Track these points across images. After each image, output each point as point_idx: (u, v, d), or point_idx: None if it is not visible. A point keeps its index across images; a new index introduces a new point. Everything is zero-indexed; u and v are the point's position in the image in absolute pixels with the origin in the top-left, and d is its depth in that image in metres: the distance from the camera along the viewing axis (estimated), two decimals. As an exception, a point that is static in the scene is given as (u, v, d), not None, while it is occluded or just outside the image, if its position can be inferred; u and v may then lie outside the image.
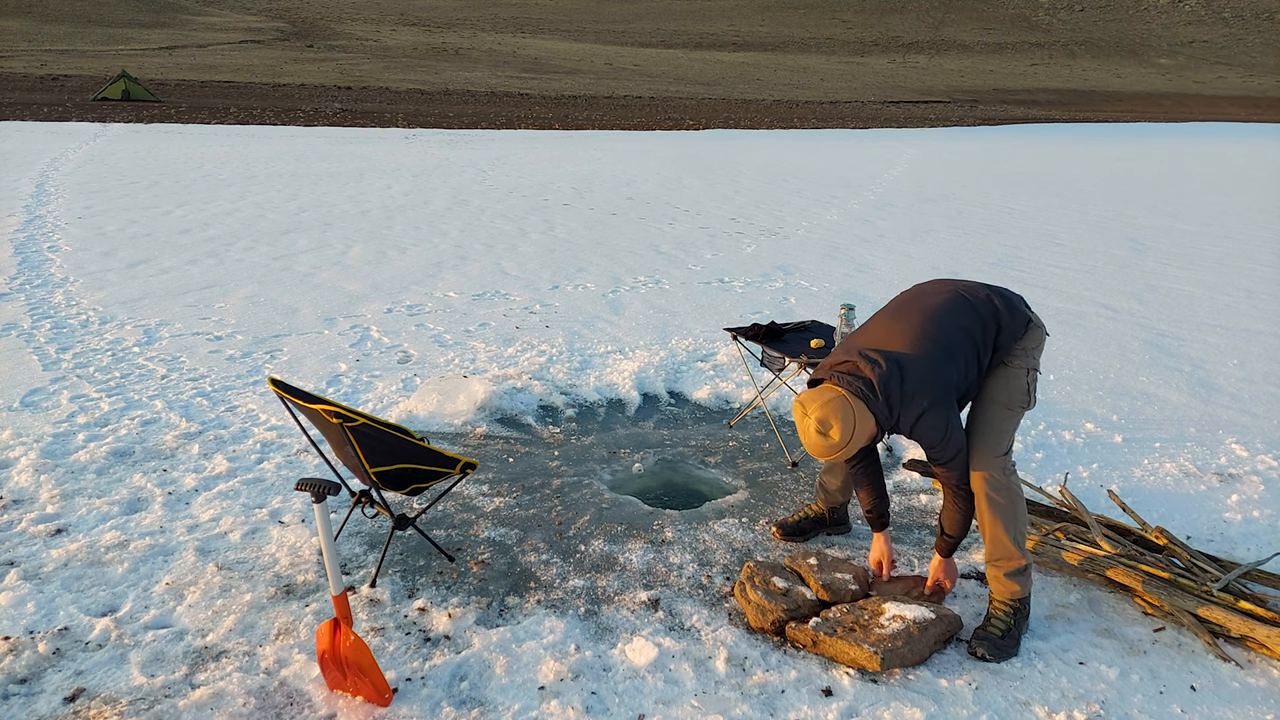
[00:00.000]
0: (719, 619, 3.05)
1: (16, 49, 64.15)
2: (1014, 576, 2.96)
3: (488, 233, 10.58)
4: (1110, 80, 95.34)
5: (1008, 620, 2.94)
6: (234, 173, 15.21)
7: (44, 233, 9.61)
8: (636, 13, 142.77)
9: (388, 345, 6.12)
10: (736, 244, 10.36)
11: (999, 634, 2.91)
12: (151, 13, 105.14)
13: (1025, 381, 3.00)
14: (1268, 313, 7.76)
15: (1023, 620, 2.97)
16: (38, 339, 5.97)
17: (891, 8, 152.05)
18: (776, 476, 4.21)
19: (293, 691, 2.67)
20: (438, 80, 56.62)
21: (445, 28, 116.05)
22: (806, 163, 20.65)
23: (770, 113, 42.26)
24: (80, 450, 4.24)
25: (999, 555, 2.96)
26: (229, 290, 7.47)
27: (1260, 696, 2.74)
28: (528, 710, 2.60)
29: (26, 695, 2.62)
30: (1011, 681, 2.78)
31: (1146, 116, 50.42)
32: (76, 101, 31.58)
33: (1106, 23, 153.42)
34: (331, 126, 26.62)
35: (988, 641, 2.89)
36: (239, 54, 72.02)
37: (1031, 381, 3.01)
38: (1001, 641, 2.90)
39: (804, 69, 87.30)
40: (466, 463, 3.26)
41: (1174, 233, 11.98)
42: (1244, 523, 3.83)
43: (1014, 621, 2.94)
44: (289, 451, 4.32)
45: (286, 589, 3.18)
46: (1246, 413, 5.22)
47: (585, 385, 5.33)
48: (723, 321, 6.85)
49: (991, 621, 2.96)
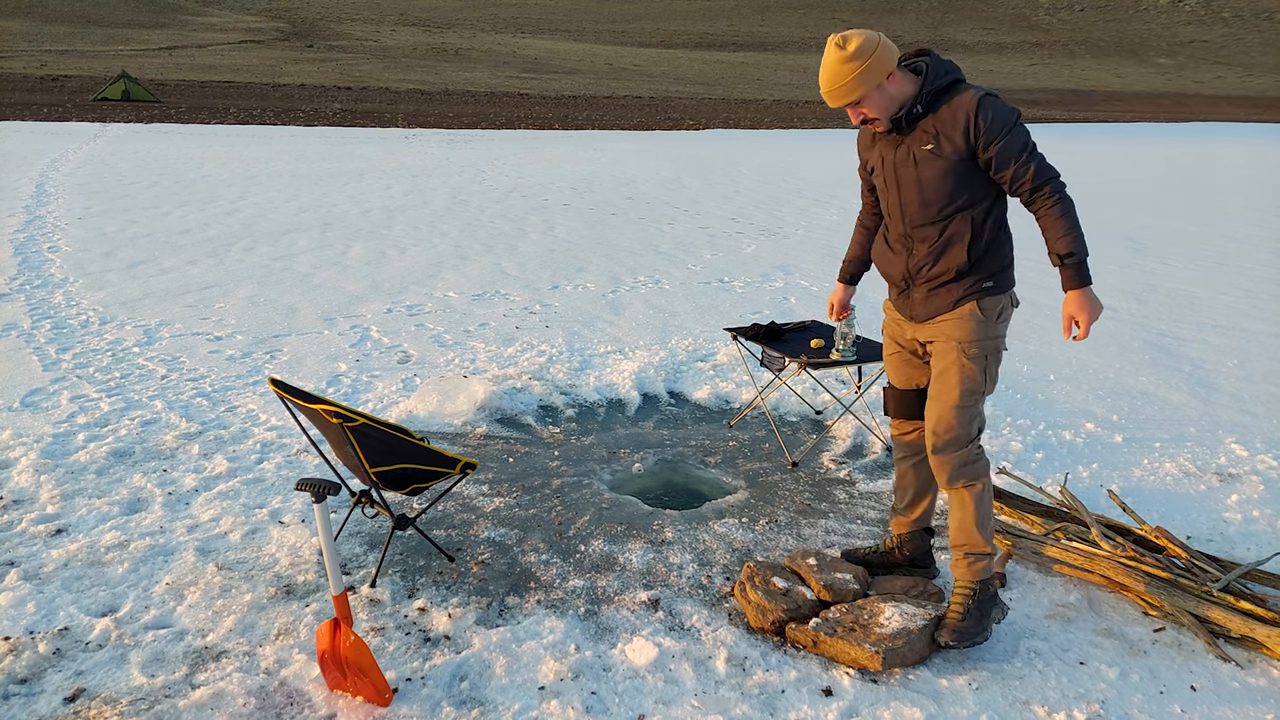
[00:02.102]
0: (719, 619, 3.05)
1: (16, 49, 64.14)
2: (975, 561, 2.92)
3: (487, 233, 10.58)
4: (1110, 80, 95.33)
5: (968, 602, 2.88)
6: (234, 173, 15.21)
7: (44, 233, 9.61)
8: (636, 13, 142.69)
9: (388, 345, 6.12)
10: (736, 244, 10.36)
11: (959, 617, 2.85)
12: (151, 13, 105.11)
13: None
14: (1267, 312, 7.76)
15: (988, 604, 2.90)
16: (38, 339, 5.97)
17: (891, 8, 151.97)
18: (776, 476, 4.21)
19: (293, 691, 2.67)
20: (438, 80, 56.59)
21: (445, 28, 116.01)
22: (806, 163, 20.65)
23: (770, 113, 42.25)
24: (80, 450, 4.24)
25: (962, 540, 2.94)
26: (229, 290, 7.47)
27: (1260, 696, 2.74)
28: (528, 710, 2.60)
29: (26, 695, 2.62)
30: (1011, 681, 2.78)
31: (1146, 116, 50.40)
32: (76, 102, 31.58)
33: (1106, 23, 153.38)
34: (331, 126, 26.61)
35: (949, 628, 2.84)
36: (239, 54, 72.01)
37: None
38: (963, 624, 2.83)
39: (804, 69, 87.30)
40: (466, 463, 3.26)
41: (1173, 232, 11.98)
42: (1244, 523, 3.83)
43: (975, 603, 2.88)
44: (289, 451, 4.32)
45: (286, 589, 3.18)
46: (1246, 413, 5.22)
47: (585, 385, 5.33)
48: (723, 321, 6.85)
49: (953, 608, 2.90)
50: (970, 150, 2.73)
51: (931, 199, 2.82)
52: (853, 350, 4.43)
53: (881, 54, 2.67)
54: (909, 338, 3.08)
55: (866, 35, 2.70)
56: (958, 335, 2.88)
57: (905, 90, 2.76)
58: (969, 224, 2.82)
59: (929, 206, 2.83)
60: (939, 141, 2.76)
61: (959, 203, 2.80)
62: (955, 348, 2.89)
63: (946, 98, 2.75)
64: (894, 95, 2.75)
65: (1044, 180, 2.72)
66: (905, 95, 2.76)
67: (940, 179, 2.78)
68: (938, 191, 2.80)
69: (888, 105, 2.76)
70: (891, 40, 2.74)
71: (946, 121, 2.74)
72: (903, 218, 2.91)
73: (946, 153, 2.75)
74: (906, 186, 2.87)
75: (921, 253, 2.89)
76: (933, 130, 2.76)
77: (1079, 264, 2.74)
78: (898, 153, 2.86)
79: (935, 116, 2.76)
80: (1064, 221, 2.73)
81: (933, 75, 2.75)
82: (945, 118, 2.74)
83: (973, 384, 2.88)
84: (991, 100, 2.72)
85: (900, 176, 2.88)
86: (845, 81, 2.69)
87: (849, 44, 2.67)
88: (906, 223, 2.91)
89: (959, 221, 2.82)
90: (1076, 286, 2.77)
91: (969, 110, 2.70)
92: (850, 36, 2.70)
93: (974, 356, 2.87)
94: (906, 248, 2.94)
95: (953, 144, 2.74)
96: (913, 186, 2.85)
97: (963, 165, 2.76)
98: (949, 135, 2.74)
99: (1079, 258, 2.74)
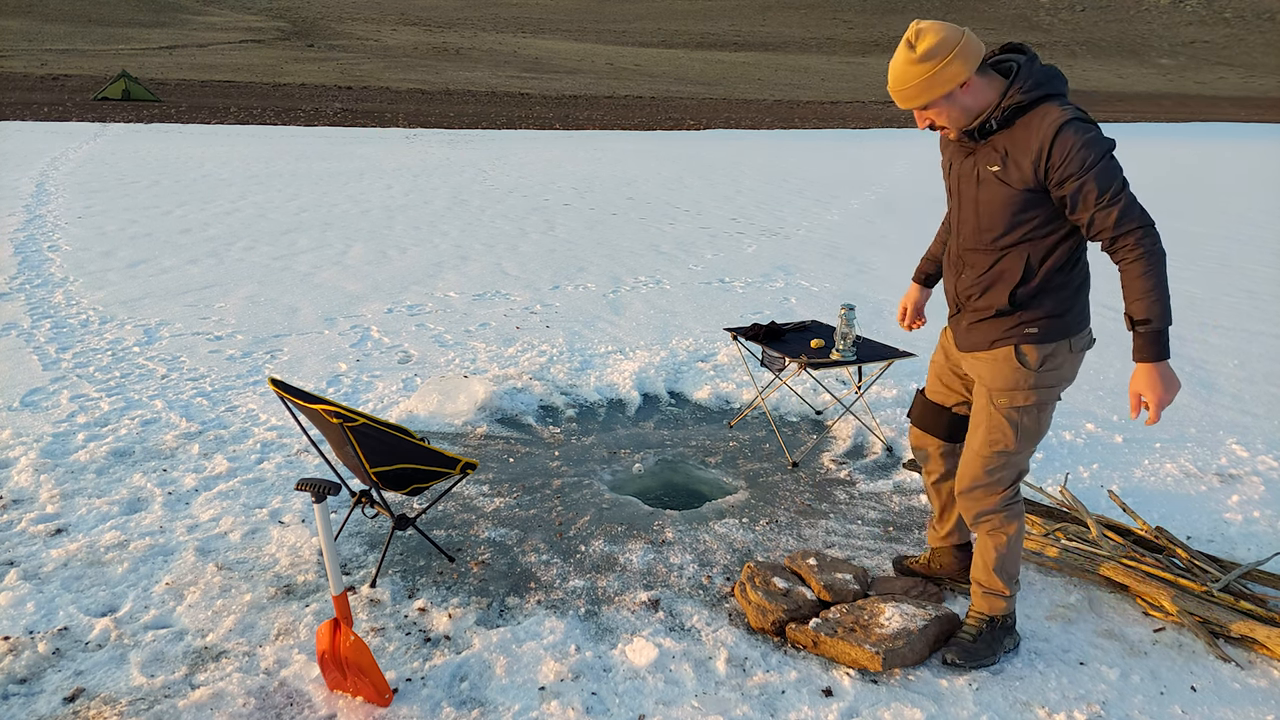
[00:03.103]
0: (719, 619, 3.05)
1: (16, 49, 64.20)
2: (992, 597, 2.84)
3: (488, 233, 10.58)
4: (1111, 80, 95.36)
5: (978, 629, 2.82)
6: (234, 172, 15.21)
7: (44, 232, 9.61)
8: (637, 13, 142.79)
9: (388, 345, 6.12)
10: (737, 244, 10.36)
11: (969, 639, 2.81)
12: (151, 12, 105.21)
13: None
14: (1268, 313, 7.76)
15: (1000, 634, 2.83)
16: (38, 339, 5.97)
17: (892, 8, 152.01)
18: (777, 477, 4.21)
19: (293, 691, 2.66)
20: (438, 80, 56.64)
21: (446, 27, 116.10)
22: (807, 163, 20.65)
23: (771, 113, 42.26)
24: (80, 450, 4.24)
25: (979, 577, 2.85)
26: (229, 290, 7.47)
27: (1260, 697, 2.74)
28: (528, 711, 2.60)
29: (26, 695, 2.62)
30: (1012, 682, 2.77)
31: (1147, 116, 50.40)
32: (76, 101, 31.59)
33: (1107, 23, 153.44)
34: (332, 126, 26.62)
35: (958, 646, 2.80)
36: (239, 54, 72.08)
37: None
38: (973, 646, 2.79)
39: (805, 69, 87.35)
40: (466, 463, 3.26)
41: (1174, 233, 11.97)
42: (1244, 523, 3.82)
43: (986, 631, 2.82)
44: (289, 451, 4.32)
45: (286, 589, 3.18)
46: (1246, 413, 5.22)
47: (585, 385, 5.32)
48: (723, 321, 6.85)
49: (964, 630, 2.86)
50: (1040, 183, 2.38)
51: (986, 225, 2.51)
52: (853, 350, 4.42)
53: (957, 58, 2.32)
54: (954, 358, 2.85)
55: (943, 35, 2.33)
56: (989, 381, 2.61)
57: (985, 98, 2.40)
58: (1022, 262, 2.49)
59: (983, 233, 2.53)
60: (1006, 165, 2.41)
61: (1016, 236, 2.48)
62: (985, 394, 2.63)
63: (1026, 115, 2.38)
64: (968, 106, 2.41)
65: (1128, 229, 2.30)
66: (984, 105, 2.41)
67: (1000, 207, 2.46)
68: (995, 219, 2.48)
69: (959, 116, 2.43)
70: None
71: (1019, 144, 2.37)
72: (959, 235, 2.64)
73: (1013, 179, 2.41)
74: (966, 204, 2.57)
75: (969, 279, 2.62)
76: (1003, 150, 2.41)
77: (1156, 334, 2.30)
78: (964, 164, 2.55)
79: (1009, 134, 2.40)
80: (1145, 281, 2.30)
81: (1020, 84, 2.37)
82: (1019, 139, 2.37)
83: (999, 437, 2.62)
84: (1076, 128, 2.30)
85: (962, 191, 2.58)
86: (911, 85, 2.37)
87: (921, 42, 2.33)
88: (961, 242, 2.63)
89: (1012, 257, 2.51)
90: (1150, 360, 2.34)
91: (1044, 138, 2.33)
92: (925, 32, 2.34)
93: (1002, 408, 2.61)
94: (957, 269, 2.68)
95: (1020, 171, 2.39)
96: (971, 206, 2.55)
97: (1030, 196, 2.41)
98: (1018, 161, 2.38)
99: (1156, 326, 2.30)
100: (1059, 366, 2.57)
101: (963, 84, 2.36)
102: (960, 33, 2.36)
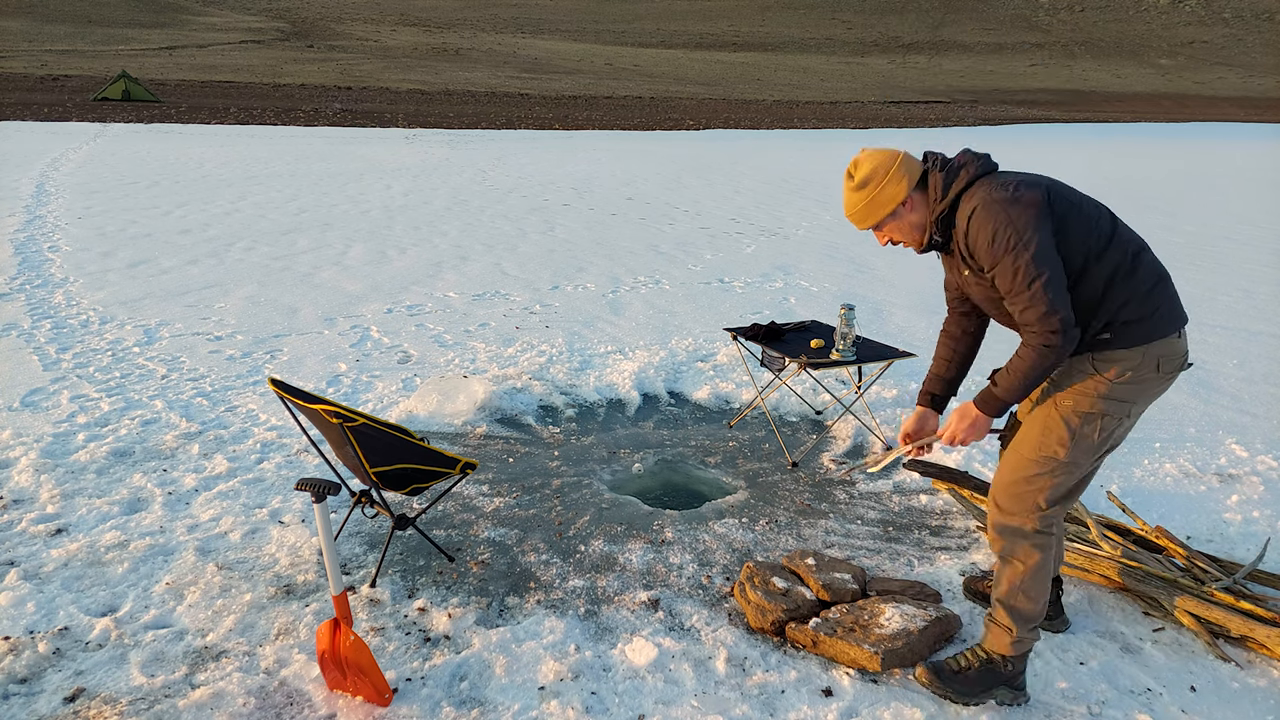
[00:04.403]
0: (719, 619, 3.05)
1: (16, 49, 64.19)
2: (996, 630, 2.65)
3: (488, 233, 10.59)
4: (1110, 81, 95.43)
5: (970, 662, 2.66)
6: (234, 173, 15.21)
7: (44, 233, 9.61)
8: (636, 13, 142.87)
9: (388, 345, 6.12)
10: (736, 244, 10.37)
11: (955, 670, 2.66)
12: (151, 13, 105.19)
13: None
14: (1267, 313, 7.76)
15: (991, 678, 2.63)
16: (38, 339, 5.97)
17: (891, 8, 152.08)
18: (776, 477, 4.21)
19: (293, 691, 2.67)
20: (438, 80, 56.64)
21: (445, 28, 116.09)
22: (807, 163, 20.67)
23: (771, 113, 42.27)
24: (80, 450, 4.24)
25: (993, 604, 2.69)
26: (229, 290, 7.47)
27: (1260, 697, 2.74)
28: (528, 710, 2.60)
29: (26, 695, 2.62)
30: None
31: (1146, 117, 50.42)
32: (76, 101, 31.59)
33: (1106, 23, 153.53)
34: (332, 126, 26.62)
35: (935, 665, 2.68)
36: (239, 54, 72.08)
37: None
38: (954, 677, 2.63)
39: (804, 69, 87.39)
40: (466, 463, 3.26)
41: (1174, 232, 11.97)
42: (1244, 523, 3.83)
43: (979, 668, 2.64)
44: (289, 451, 4.32)
45: (286, 589, 3.18)
46: (1246, 413, 5.22)
47: (585, 385, 5.33)
48: (723, 321, 6.85)
49: (958, 657, 2.70)
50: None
51: (1007, 314, 2.49)
52: (853, 350, 4.43)
53: (892, 181, 2.45)
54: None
55: (877, 161, 2.47)
56: (1057, 379, 2.55)
57: (925, 213, 2.50)
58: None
59: (1011, 319, 2.50)
60: (970, 266, 2.47)
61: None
62: (1050, 395, 2.55)
63: (955, 215, 2.45)
64: (915, 222, 2.50)
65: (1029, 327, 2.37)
66: (925, 218, 2.50)
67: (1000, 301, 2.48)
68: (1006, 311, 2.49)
69: (910, 231, 2.52)
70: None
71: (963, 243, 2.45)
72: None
73: (986, 277, 2.45)
74: (985, 306, 2.59)
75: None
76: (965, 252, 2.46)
77: (1000, 402, 2.48)
78: (955, 273, 2.62)
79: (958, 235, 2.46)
80: (1020, 368, 2.40)
81: (939, 194, 2.45)
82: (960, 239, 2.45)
83: (1052, 440, 2.50)
84: (988, 214, 2.34)
85: (970, 293, 2.61)
86: (857, 209, 2.52)
87: (858, 171, 2.49)
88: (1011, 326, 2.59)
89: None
90: (979, 408, 2.54)
91: (962, 230, 2.42)
92: (861, 162, 2.50)
93: (1065, 411, 2.49)
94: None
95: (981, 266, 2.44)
96: (989, 306, 2.57)
97: None
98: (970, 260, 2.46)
99: (1003, 399, 2.47)
100: (1138, 381, 2.47)
101: (904, 202, 2.48)
102: (894, 157, 2.49)
